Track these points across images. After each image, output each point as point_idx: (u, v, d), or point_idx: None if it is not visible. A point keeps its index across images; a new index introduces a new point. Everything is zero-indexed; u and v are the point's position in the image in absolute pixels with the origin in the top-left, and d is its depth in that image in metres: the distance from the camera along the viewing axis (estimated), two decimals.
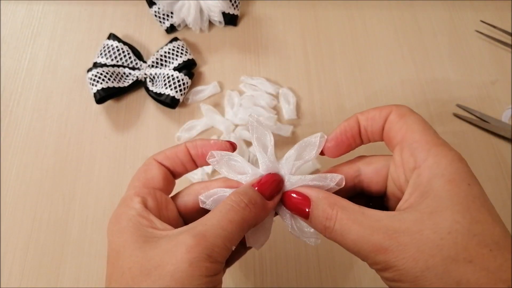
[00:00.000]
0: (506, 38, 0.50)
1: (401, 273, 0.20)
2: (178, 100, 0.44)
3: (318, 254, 0.38)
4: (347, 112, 0.45)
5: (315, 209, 0.23)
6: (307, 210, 0.24)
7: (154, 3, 0.48)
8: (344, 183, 0.25)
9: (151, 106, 0.45)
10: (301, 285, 0.37)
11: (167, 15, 0.49)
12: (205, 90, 0.46)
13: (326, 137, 0.26)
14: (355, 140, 0.26)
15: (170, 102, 0.43)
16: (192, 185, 0.28)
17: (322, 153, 0.27)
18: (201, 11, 0.48)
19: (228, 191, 0.26)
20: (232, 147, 0.27)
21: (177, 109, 0.45)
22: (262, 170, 0.26)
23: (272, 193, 0.25)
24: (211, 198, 0.26)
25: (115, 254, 0.23)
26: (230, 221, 0.22)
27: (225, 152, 0.26)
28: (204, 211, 0.26)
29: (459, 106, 0.46)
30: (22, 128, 0.44)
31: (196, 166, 0.28)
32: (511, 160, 0.43)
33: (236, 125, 0.44)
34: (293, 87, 0.47)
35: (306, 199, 0.24)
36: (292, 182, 0.26)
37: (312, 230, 0.25)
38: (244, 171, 0.27)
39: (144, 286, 0.21)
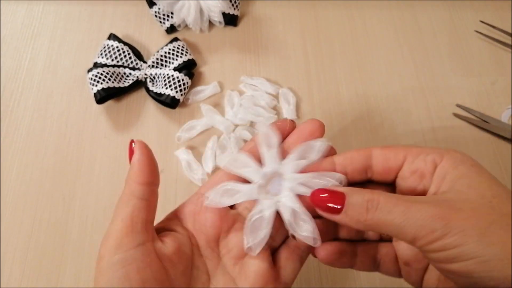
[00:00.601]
0: (506, 39, 0.50)
1: (464, 234, 0.20)
2: (178, 100, 0.44)
3: None
4: (347, 112, 0.45)
5: (351, 197, 0.23)
6: (339, 207, 0.23)
7: (154, 3, 0.48)
8: (344, 181, 0.25)
9: (151, 106, 0.45)
10: (301, 285, 0.37)
11: (167, 15, 0.49)
12: (205, 90, 0.46)
13: (328, 144, 0.26)
14: None
15: (170, 102, 0.43)
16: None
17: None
18: (201, 11, 0.48)
19: (231, 184, 0.26)
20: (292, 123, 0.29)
21: (177, 109, 0.45)
22: (265, 166, 0.27)
23: None
24: (213, 191, 0.26)
25: None
26: None
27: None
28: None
29: (458, 106, 0.46)
30: (22, 128, 0.44)
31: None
32: (511, 160, 0.43)
33: (236, 125, 0.44)
34: (293, 87, 0.47)
35: (338, 194, 0.23)
36: (294, 178, 0.26)
37: (311, 228, 0.25)
38: (247, 165, 0.27)
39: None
